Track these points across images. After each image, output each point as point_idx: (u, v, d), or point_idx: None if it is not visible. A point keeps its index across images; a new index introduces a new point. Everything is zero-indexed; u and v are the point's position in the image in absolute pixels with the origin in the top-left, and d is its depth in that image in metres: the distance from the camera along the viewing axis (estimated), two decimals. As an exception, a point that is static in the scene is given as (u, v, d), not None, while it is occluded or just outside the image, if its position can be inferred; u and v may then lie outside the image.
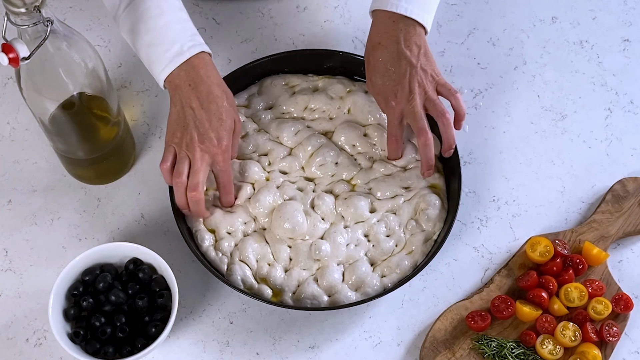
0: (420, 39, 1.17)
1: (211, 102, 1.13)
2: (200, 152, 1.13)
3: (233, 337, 1.21)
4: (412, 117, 1.17)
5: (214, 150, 1.13)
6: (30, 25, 1.00)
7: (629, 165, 1.33)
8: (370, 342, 1.21)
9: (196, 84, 1.13)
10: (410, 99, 1.16)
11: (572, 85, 1.39)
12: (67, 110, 1.13)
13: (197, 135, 1.13)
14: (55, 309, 1.14)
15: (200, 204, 1.15)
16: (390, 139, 1.22)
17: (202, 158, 1.13)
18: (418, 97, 1.16)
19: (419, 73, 1.16)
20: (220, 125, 1.14)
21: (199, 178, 1.13)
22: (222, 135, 1.14)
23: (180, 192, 1.15)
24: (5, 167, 1.31)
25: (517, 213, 1.29)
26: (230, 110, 1.15)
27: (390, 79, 1.17)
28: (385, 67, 1.17)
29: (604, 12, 1.45)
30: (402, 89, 1.16)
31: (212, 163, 1.15)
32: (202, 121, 1.13)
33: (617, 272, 1.25)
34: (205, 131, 1.13)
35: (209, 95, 1.14)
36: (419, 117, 1.17)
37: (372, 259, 1.21)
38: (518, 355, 1.17)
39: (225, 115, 1.14)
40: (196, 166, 1.13)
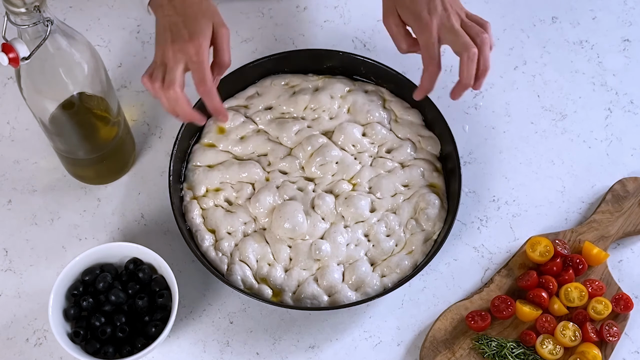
0: None
1: (187, 7, 1.09)
2: (172, 52, 1.07)
3: (233, 337, 1.21)
4: (452, 35, 1.10)
5: (186, 46, 1.07)
6: (30, 25, 1.00)
7: (629, 165, 1.33)
8: (370, 342, 1.21)
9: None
10: (447, 17, 1.11)
11: (572, 85, 1.39)
12: (67, 110, 1.13)
13: (170, 38, 1.08)
14: (55, 309, 1.14)
15: (181, 102, 1.08)
16: (432, 62, 1.12)
17: (174, 57, 1.08)
18: (454, 16, 1.12)
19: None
20: (195, 25, 1.08)
21: (173, 74, 1.06)
22: (194, 31, 1.07)
23: (161, 97, 1.09)
24: (5, 167, 1.31)
25: (517, 213, 1.29)
26: (206, 12, 1.10)
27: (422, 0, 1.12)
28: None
29: (604, 12, 1.45)
30: (435, 7, 1.11)
31: (186, 61, 1.08)
32: (176, 24, 1.08)
33: (617, 272, 1.25)
34: (177, 31, 1.08)
35: (184, 2, 1.10)
36: (460, 33, 1.10)
37: (372, 258, 1.21)
38: (518, 355, 1.17)
39: (201, 15, 1.09)
40: (170, 65, 1.08)
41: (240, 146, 1.28)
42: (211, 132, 1.29)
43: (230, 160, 1.27)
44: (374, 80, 1.33)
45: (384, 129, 1.29)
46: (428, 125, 1.30)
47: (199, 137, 1.30)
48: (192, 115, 1.11)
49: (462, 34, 1.11)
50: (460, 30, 1.11)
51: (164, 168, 1.30)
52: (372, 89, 1.32)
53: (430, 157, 1.28)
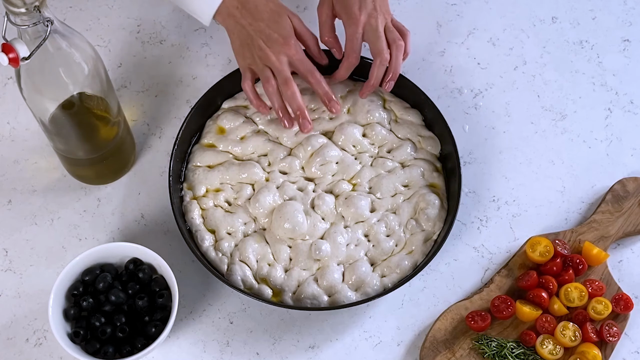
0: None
1: (262, 12, 1.19)
2: (274, 54, 1.18)
3: (233, 337, 1.21)
4: (374, 35, 1.21)
5: (284, 48, 1.18)
6: (30, 25, 1.00)
7: (629, 165, 1.33)
8: (370, 342, 1.21)
9: (242, 3, 1.19)
10: (373, 15, 1.20)
11: (572, 85, 1.39)
12: (67, 110, 1.13)
13: (263, 43, 1.18)
14: (55, 309, 1.14)
15: (297, 96, 1.19)
16: (352, 54, 1.23)
17: (278, 58, 1.18)
18: (380, 18, 1.21)
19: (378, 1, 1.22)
20: (279, 27, 1.19)
21: (285, 74, 1.19)
22: (284, 34, 1.19)
23: (275, 97, 1.20)
24: (5, 167, 1.31)
25: (517, 213, 1.29)
26: (279, 11, 1.19)
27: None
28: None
29: (604, 12, 1.45)
30: (365, 5, 1.21)
31: (289, 60, 1.19)
32: (261, 30, 1.18)
33: (617, 272, 1.25)
34: (268, 37, 1.18)
35: (257, 7, 1.19)
36: (381, 37, 1.21)
37: (372, 259, 1.21)
38: (518, 355, 1.17)
39: (278, 16, 1.19)
40: (276, 66, 1.18)
41: (240, 146, 1.28)
42: (211, 132, 1.29)
43: (230, 161, 1.27)
44: (374, 80, 1.33)
45: (384, 129, 1.29)
46: (428, 125, 1.30)
47: (199, 138, 1.30)
48: (305, 111, 1.21)
49: (381, 38, 1.21)
50: (381, 34, 1.21)
51: (164, 168, 1.30)
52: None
53: (430, 157, 1.28)
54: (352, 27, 1.21)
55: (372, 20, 1.21)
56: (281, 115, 1.23)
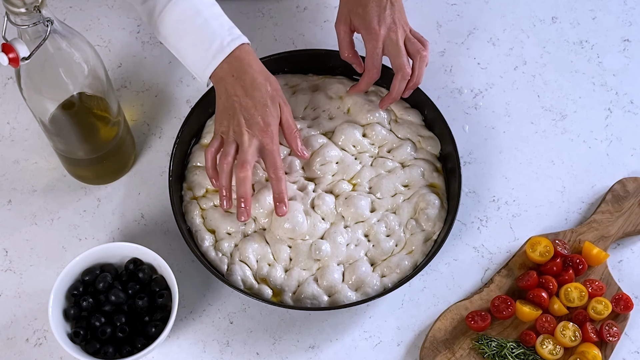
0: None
1: (255, 90, 1.15)
2: (248, 135, 1.15)
3: (233, 337, 1.21)
4: (395, 50, 1.21)
5: (261, 134, 1.15)
6: (30, 25, 1.00)
7: (629, 165, 1.33)
8: (370, 342, 1.21)
9: (239, 74, 1.16)
10: (392, 29, 1.20)
11: (572, 85, 1.39)
12: (67, 110, 1.13)
13: (244, 120, 1.15)
14: (55, 309, 1.14)
15: (247, 183, 1.15)
16: (373, 68, 1.23)
17: (250, 140, 1.15)
18: (400, 31, 1.21)
19: (397, 12, 1.21)
20: (266, 111, 1.16)
21: (247, 156, 1.15)
22: (268, 121, 1.15)
23: (225, 175, 1.16)
24: (5, 167, 1.31)
25: (517, 213, 1.29)
26: (274, 96, 1.17)
27: (374, 10, 1.20)
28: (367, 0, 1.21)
29: (604, 12, 1.45)
30: (384, 19, 1.20)
31: (260, 147, 1.16)
32: (247, 108, 1.15)
33: (617, 272, 1.25)
34: (251, 117, 1.15)
35: (252, 83, 1.16)
36: (401, 51, 1.21)
37: (372, 259, 1.21)
38: (518, 355, 1.17)
39: (270, 101, 1.16)
40: (244, 147, 1.15)
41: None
42: (211, 132, 1.29)
43: (230, 161, 1.27)
44: (374, 80, 1.33)
45: (384, 129, 1.29)
46: (428, 125, 1.30)
47: (199, 138, 1.30)
48: (250, 202, 1.17)
49: (402, 52, 1.21)
50: (402, 48, 1.21)
51: (164, 168, 1.30)
52: (372, 89, 1.32)
53: (430, 157, 1.28)
54: (372, 43, 1.21)
55: (392, 34, 1.20)
56: (223, 194, 1.17)
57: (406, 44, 1.22)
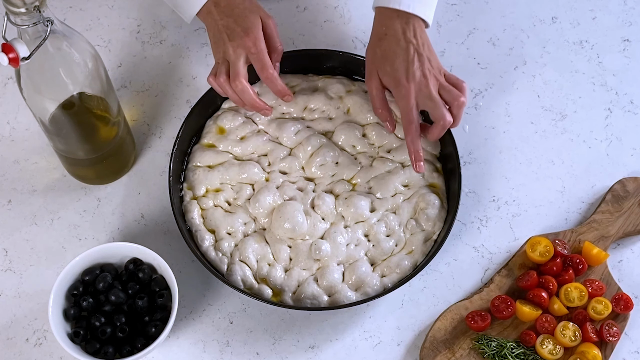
0: (424, 33, 1.19)
1: (234, 8, 1.19)
2: (232, 48, 1.18)
3: (233, 337, 1.21)
4: (430, 103, 1.16)
5: (243, 41, 1.17)
6: (30, 25, 1.00)
7: (629, 165, 1.33)
8: (370, 342, 1.21)
9: (218, 1, 1.19)
10: (425, 84, 1.16)
11: (572, 85, 1.39)
12: (67, 110, 1.13)
13: (227, 37, 1.18)
14: (55, 309, 1.14)
15: (247, 92, 1.18)
16: (410, 126, 1.17)
17: (235, 52, 1.18)
18: (431, 84, 1.16)
19: (426, 62, 1.17)
20: (245, 21, 1.18)
21: (236, 68, 1.18)
22: (247, 27, 1.18)
23: (227, 90, 1.20)
24: (5, 167, 1.31)
25: (517, 213, 1.29)
26: (252, 8, 1.19)
27: (402, 66, 1.16)
28: (394, 54, 1.17)
29: (604, 12, 1.45)
30: (413, 75, 1.16)
31: (246, 55, 1.18)
32: (228, 25, 1.18)
33: (617, 272, 1.25)
34: (232, 31, 1.18)
35: (229, 4, 1.19)
36: (438, 103, 1.15)
37: (372, 258, 1.21)
38: (518, 355, 1.17)
39: (248, 12, 1.19)
40: (231, 59, 1.18)
41: (240, 146, 1.28)
42: (211, 132, 1.29)
43: (230, 161, 1.27)
44: (374, 80, 1.33)
45: (384, 129, 1.29)
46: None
47: (199, 138, 1.30)
48: (259, 104, 1.21)
49: (439, 103, 1.16)
50: (437, 99, 1.16)
51: (164, 168, 1.30)
52: (372, 89, 1.32)
53: (430, 157, 1.28)
54: (404, 101, 1.16)
55: (424, 88, 1.15)
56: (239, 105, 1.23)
57: (441, 94, 1.16)
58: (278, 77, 1.20)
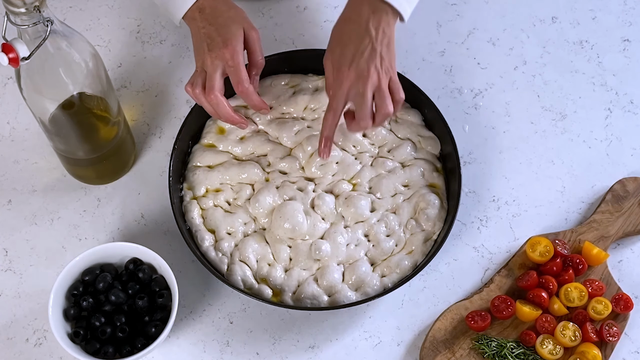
0: (389, 28, 1.15)
1: (217, 17, 1.17)
2: (210, 59, 1.16)
3: (233, 337, 1.21)
4: (360, 100, 1.13)
5: (221, 52, 1.15)
6: (30, 25, 1.00)
7: (629, 165, 1.33)
8: (370, 342, 1.21)
9: (203, 7, 1.18)
10: (364, 80, 1.13)
11: (572, 85, 1.39)
12: (67, 110, 1.13)
13: (206, 46, 1.16)
14: (55, 309, 1.14)
15: (221, 105, 1.17)
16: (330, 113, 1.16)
17: (212, 63, 1.16)
18: (370, 81, 1.13)
19: (377, 58, 1.14)
20: (227, 32, 1.16)
21: (212, 80, 1.16)
22: (227, 38, 1.16)
23: (203, 102, 1.18)
24: (5, 167, 1.31)
25: (517, 213, 1.29)
26: (235, 18, 1.18)
27: (350, 52, 1.14)
28: (349, 40, 1.15)
29: (604, 12, 1.45)
30: (357, 65, 1.14)
31: (223, 67, 1.16)
32: (209, 34, 1.16)
33: (617, 272, 1.25)
34: (212, 40, 1.16)
35: (214, 11, 1.17)
36: (367, 103, 1.13)
37: (372, 258, 1.21)
38: (518, 355, 1.17)
39: (231, 22, 1.17)
40: (209, 71, 1.16)
41: (240, 147, 1.28)
42: (211, 132, 1.29)
43: (230, 161, 1.27)
44: (374, 80, 1.33)
45: (384, 129, 1.29)
46: (428, 125, 1.30)
47: (198, 138, 1.30)
48: (234, 117, 1.20)
49: (367, 104, 1.13)
50: (368, 99, 1.13)
51: (164, 168, 1.30)
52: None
53: (430, 157, 1.28)
54: (336, 86, 1.15)
55: (361, 83, 1.13)
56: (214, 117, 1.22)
57: (375, 95, 1.14)
58: (254, 92, 1.18)
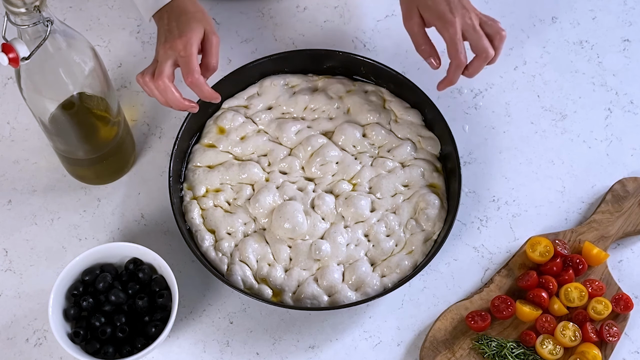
0: None
1: (180, 15, 1.17)
2: (163, 50, 1.16)
3: (233, 337, 1.21)
4: (474, 34, 1.18)
5: (175, 43, 1.15)
6: (30, 25, 1.00)
7: (629, 165, 1.33)
8: (370, 342, 1.21)
9: (172, 7, 1.18)
10: (467, 15, 1.18)
11: (572, 85, 1.39)
12: (67, 110, 1.13)
13: (163, 39, 1.17)
14: (55, 309, 1.14)
15: (169, 91, 1.15)
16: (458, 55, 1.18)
17: (165, 53, 1.15)
18: (473, 15, 1.18)
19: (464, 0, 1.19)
20: (186, 26, 1.16)
21: (161, 67, 1.14)
22: (184, 30, 1.16)
23: (152, 89, 1.16)
24: (5, 167, 1.31)
25: (517, 213, 1.29)
26: (200, 19, 1.17)
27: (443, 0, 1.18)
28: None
29: (604, 12, 1.45)
30: (456, 7, 1.18)
31: (175, 58, 1.15)
32: (170, 30, 1.17)
33: (617, 272, 1.25)
34: (170, 33, 1.16)
35: (180, 11, 1.18)
36: (481, 34, 1.18)
37: (372, 258, 1.21)
38: (518, 355, 1.17)
39: (193, 19, 1.17)
40: (160, 59, 1.16)
41: (240, 147, 1.28)
42: (211, 132, 1.29)
43: (230, 161, 1.27)
44: (374, 80, 1.33)
45: (384, 129, 1.29)
46: (428, 125, 1.30)
47: (199, 138, 1.30)
48: (183, 103, 1.17)
49: (482, 35, 1.18)
50: (480, 31, 1.18)
51: (164, 168, 1.30)
52: (372, 89, 1.32)
53: (430, 157, 1.28)
54: (451, 30, 1.17)
55: (467, 20, 1.18)
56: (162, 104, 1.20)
57: (483, 27, 1.19)
58: (204, 82, 1.16)
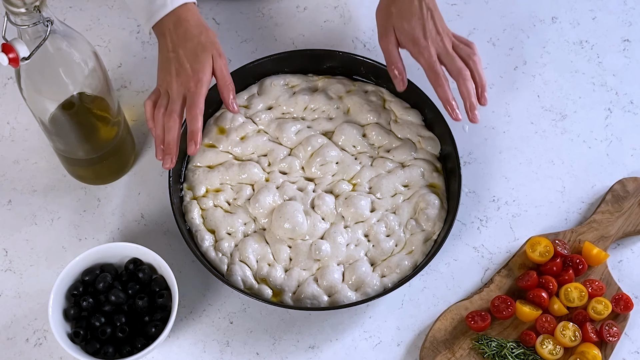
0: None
1: (187, 41, 1.17)
2: (176, 85, 1.17)
3: (233, 337, 1.21)
4: (448, 57, 1.20)
5: (188, 81, 1.17)
6: (30, 25, 1.00)
7: (629, 165, 1.33)
8: (370, 342, 1.21)
9: (176, 27, 1.18)
10: (440, 40, 1.21)
11: (572, 85, 1.39)
12: (67, 110, 1.13)
13: (174, 71, 1.17)
14: (55, 309, 1.14)
15: (173, 132, 1.17)
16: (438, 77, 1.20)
17: (177, 90, 1.17)
18: (446, 39, 1.21)
19: (438, 21, 1.21)
20: (195, 60, 1.17)
21: (175, 105, 1.17)
22: (196, 68, 1.17)
23: (160, 126, 1.18)
24: (5, 167, 1.31)
25: (517, 213, 1.29)
26: (207, 47, 1.18)
27: (417, 23, 1.20)
28: (410, 13, 1.20)
29: (604, 12, 1.45)
30: (430, 31, 1.20)
31: (185, 92, 1.17)
32: (179, 58, 1.17)
33: (617, 272, 1.25)
34: (181, 66, 1.17)
35: (185, 35, 1.18)
36: (454, 57, 1.20)
37: (372, 259, 1.21)
38: (518, 355, 1.17)
39: (201, 50, 1.17)
40: (173, 97, 1.17)
41: (240, 147, 1.28)
42: (211, 132, 1.29)
43: (230, 161, 1.27)
44: (374, 81, 1.33)
45: (384, 129, 1.29)
46: (428, 125, 1.30)
47: (199, 137, 1.30)
48: (173, 148, 1.17)
49: (456, 57, 1.21)
50: (453, 54, 1.21)
51: (164, 168, 1.30)
52: (371, 89, 1.32)
53: (430, 157, 1.28)
54: (426, 54, 1.20)
55: (441, 44, 1.20)
56: (156, 144, 1.19)
57: (456, 49, 1.21)
58: (200, 121, 1.16)
